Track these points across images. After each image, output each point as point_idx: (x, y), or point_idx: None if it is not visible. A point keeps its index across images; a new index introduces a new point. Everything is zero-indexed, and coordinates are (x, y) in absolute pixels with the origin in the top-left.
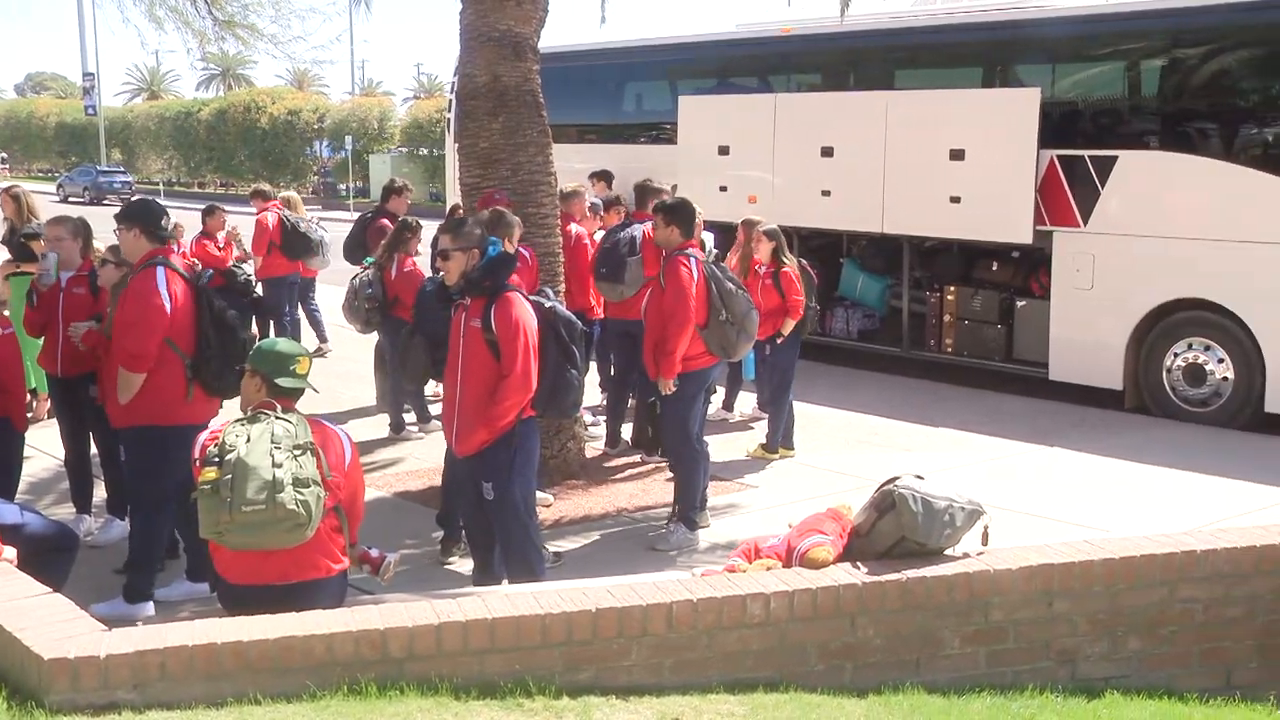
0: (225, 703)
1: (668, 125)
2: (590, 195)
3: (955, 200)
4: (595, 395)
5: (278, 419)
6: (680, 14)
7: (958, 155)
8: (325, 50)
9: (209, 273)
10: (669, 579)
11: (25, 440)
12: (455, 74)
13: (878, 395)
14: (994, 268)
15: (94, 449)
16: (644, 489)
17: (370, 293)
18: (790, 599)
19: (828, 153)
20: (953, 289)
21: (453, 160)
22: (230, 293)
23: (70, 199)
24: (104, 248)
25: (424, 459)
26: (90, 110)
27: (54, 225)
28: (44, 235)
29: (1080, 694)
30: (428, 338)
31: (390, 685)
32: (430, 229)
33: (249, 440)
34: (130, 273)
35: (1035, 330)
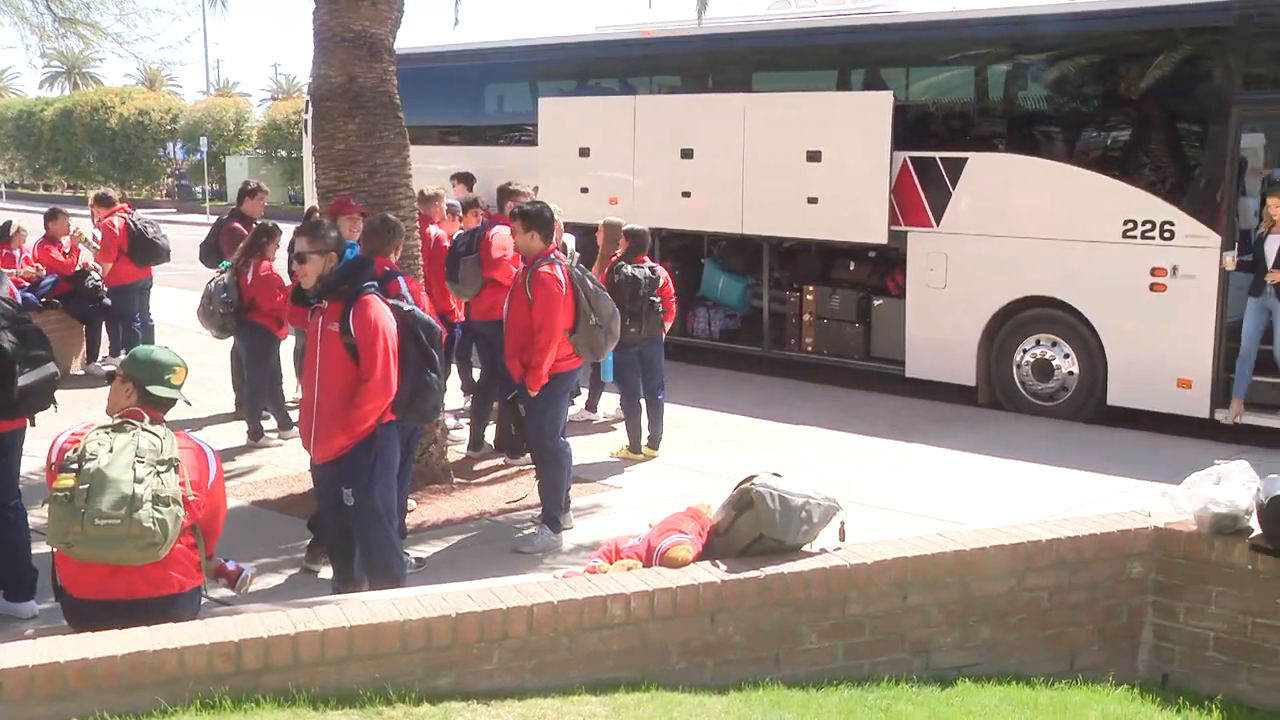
0: None
1: (529, 127)
2: (449, 198)
3: (813, 201)
4: (458, 398)
5: (145, 430)
6: (540, 16)
7: (814, 157)
8: (175, 50)
9: (54, 278)
10: (530, 581)
11: None
12: (311, 75)
13: (740, 394)
14: (851, 267)
15: None
16: (507, 491)
17: (226, 297)
18: (651, 598)
19: (688, 154)
20: (812, 289)
21: (311, 162)
22: (79, 298)
23: None
24: None
25: (283, 466)
26: None
27: None
28: None
29: (934, 683)
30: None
31: (246, 698)
32: (289, 232)
33: (111, 450)
34: None
35: (892, 328)
